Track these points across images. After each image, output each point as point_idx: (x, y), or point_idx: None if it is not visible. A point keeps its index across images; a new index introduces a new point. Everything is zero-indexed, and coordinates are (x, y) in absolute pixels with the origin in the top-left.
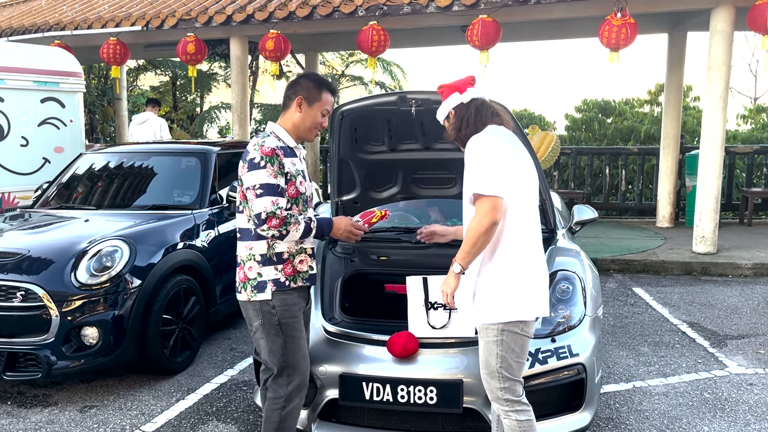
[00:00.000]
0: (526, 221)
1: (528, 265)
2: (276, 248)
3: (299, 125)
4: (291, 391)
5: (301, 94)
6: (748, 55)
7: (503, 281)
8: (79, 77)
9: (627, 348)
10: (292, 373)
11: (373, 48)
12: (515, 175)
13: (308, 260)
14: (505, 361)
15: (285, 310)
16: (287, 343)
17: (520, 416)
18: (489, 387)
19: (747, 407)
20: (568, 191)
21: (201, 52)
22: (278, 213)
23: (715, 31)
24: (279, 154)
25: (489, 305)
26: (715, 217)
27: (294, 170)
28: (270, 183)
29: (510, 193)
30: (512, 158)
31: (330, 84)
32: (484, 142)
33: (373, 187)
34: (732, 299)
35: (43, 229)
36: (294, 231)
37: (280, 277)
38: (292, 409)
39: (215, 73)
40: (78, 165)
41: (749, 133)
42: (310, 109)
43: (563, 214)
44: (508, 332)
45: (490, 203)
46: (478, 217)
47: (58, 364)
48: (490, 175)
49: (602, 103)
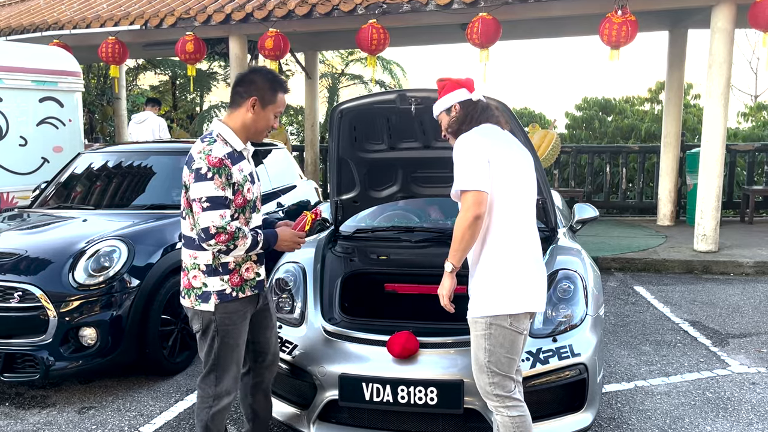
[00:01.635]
0: (516, 216)
1: (518, 259)
2: (221, 258)
3: (250, 127)
4: (219, 392)
5: (255, 95)
6: (748, 52)
7: (491, 275)
8: (77, 77)
9: (628, 347)
10: (220, 376)
11: (373, 46)
12: (502, 172)
13: (254, 267)
14: (494, 355)
15: (225, 319)
16: (221, 349)
17: (511, 411)
18: (479, 382)
19: (750, 407)
20: (569, 190)
21: (200, 51)
22: (227, 228)
23: (715, 28)
24: (227, 165)
25: (477, 299)
26: (716, 216)
27: (241, 178)
28: (217, 196)
29: (496, 189)
30: (498, 155)
31: (284, 83)
32: (467, 140)
33: (373, 186)
34: (734, 298)
35: (41, 229)
36: (241, 246)
37: (226, 288)
38: (221, 409)
39: (215, 72)
40: (76, 165)
41: (750, 131)
42: (264, 111)
43: (564, 212)
44: (496, 326)
45: (473, 197)
46: (462, 211)
47: (56, 365)
48: (471, 170)
49: (603, 101)
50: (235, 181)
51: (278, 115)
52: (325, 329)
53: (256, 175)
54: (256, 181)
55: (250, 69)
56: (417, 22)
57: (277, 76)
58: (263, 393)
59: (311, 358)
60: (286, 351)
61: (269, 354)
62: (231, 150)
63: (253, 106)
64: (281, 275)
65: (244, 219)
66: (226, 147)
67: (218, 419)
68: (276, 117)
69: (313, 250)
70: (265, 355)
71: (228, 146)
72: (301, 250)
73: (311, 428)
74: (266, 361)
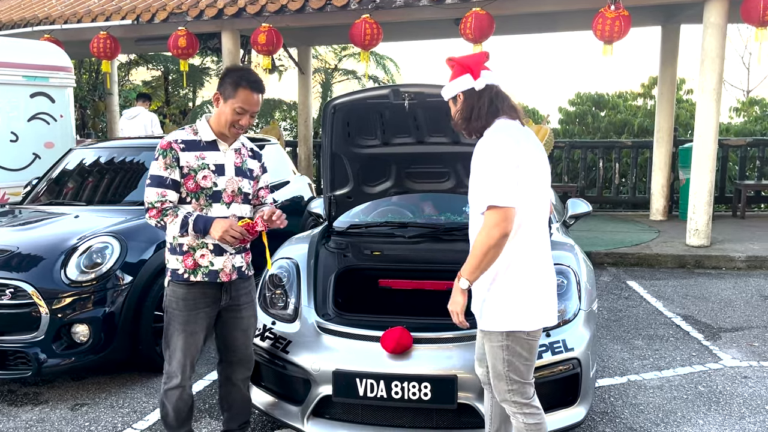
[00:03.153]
0: (537, 226)
1: (537, 273)
2: (178, 239)
3: (217, 121)
4: (168, 371)
5: (219, 90)
6: (740, 47)
7: (511, 290)
8: (69, 72)
9: (621, 341)
10: (170, 357)
11: (366, 41)
12: (527, 178)
13: (209, 255)
14: (512, 364)
15: (173, 301)
16: (168, 329)
17: (528, 419)
18: (497, 389)
19: (741, 400)
20: (562, 185)
21: (192, 46)
22: (157, 205)
23: (708, 23)
24: (175, 148)
25: (495, 313)
26: (708, 210)
27: (197, 164)
28: (157, 175)
29: (522, 200)
30: (525, 159)
31: (252, 82)
32: (495, 144)
33: (366, 181)
34: (726, 292)
35: (33, 225)
36: (171, 224)
37: (179, 268)
38: (171, 388)
39: (207, 67)
40: (68, 160)
41: (742, 126)
42: (225, 105)
43: (557, 207)
44: (514, 338)
45: (502, 214)
46: (487, 228)
47: (49, 362)
48: (502, 183)
49: (596, 96)
50: (185, 165)
51: (242, 112)
52: (318, 325)
53: (236, 170)
54: (232, 176)
55: (227, 67)
56: (410, 17)
57: (245, 74)
58: (237, 388)
59: (305, 353)
60: (279, 347)
61: (239, 353)
62: (196, 139)
63: (218, 100)
64: (275, 271)
65: (198, 205)
66: (190, 135)
67: (170, 397)
68: (240, 113)
69: (307, 246)
70: (234, 353)
71: (195, 135)
72: (295, 246)
73: (305, 424)
74: (235, 357)
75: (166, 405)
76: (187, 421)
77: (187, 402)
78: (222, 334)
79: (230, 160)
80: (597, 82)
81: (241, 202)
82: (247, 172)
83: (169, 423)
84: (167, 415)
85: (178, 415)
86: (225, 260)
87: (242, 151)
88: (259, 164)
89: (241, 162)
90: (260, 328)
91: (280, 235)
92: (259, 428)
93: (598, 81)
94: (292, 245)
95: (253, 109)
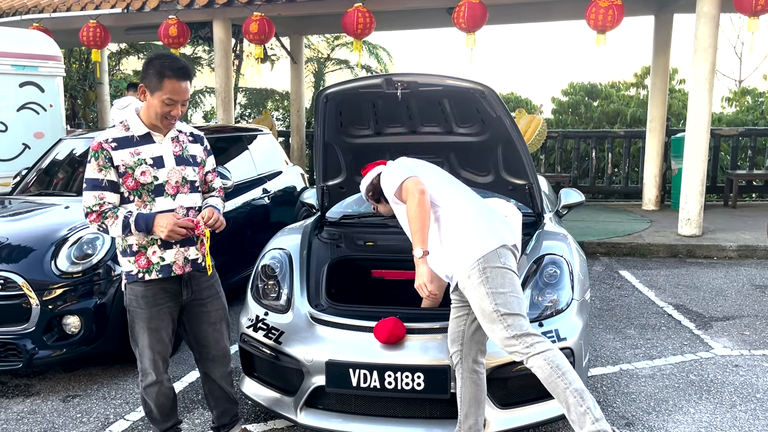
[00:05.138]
0: (451, 187)
1: (468, 209)
2: (127, 240)
3: (147, 114)
4: (142, 368)
5: (143, 82)
6: (733, 37)
7: (458, 231)
8: (58, 61)
9: (614, 331)
10: (140, 355)
11: (359, 30)
12: (424, 170)
13: (159, 251)
14: (498, 297)
15: (133, 301)
16: (133, 329)
17: (537, 348)
18: (494, 336)
19: (733, 389)
20: (555, 175)
21: (183, 35)
22: (95, 209)
23: (701, 13)
24: (106, 148)
25: (459, 256)
26: (700, 200)
27: (132, 161)
28: (92, 178)
29: (426, 182)
30: (416, 165)
31: (177, 69)
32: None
33: (359, 171)
34: (717, 281)
35: (23, 216)
36: (112, 226)
37: (133, 269)
38: (148, 384)
39: (199, 57)
40: (58, 151)
41: (734, 116)
42: (152, 98)
43: (550, 197)
44: (490, 268)
45: (410, 182)
46: (408, 197)
47: (40, 353)
48: (395, 173)
49: (588, 86)
50: (120, 164)
51: (171, 103)
52: (311, 315)
53: (176, 159)
54: (173, 166)
55: (148, 55)
56: (403, 5)
57: (170, 62)
58: (217, 385)
59: (298, 344)
60: (272, 338)
61: (211, 348)
62: (128, 135)
63: (144, 93)
64: (267, 262)
65: (141, 202)
66: (121, 132)
67: (150, 393)
68: (169, 104)
69: (299, 237)
70: (207, 348)
71: (127, 131)
72: (287, 237)
73: (298, 414)
74: (209, 354)
75: (147, 402)
76: (172, 413)
77: (168, 395)
78: (191, 330)
79: (168, 150)
80: (590, 71)
81: (189, 191)
82: (190, 159)
83: (154, 418)
84: (151, 411)
85: (161, 410)
86: (176, 253)
87: (180, 138)
88: (201, 147)
89: (181, 150)
90: (253, 319)
91: (272, 226)
92: (252, 419)
93: (591, 71)
94: (284, 236)
95: (183, 98)
